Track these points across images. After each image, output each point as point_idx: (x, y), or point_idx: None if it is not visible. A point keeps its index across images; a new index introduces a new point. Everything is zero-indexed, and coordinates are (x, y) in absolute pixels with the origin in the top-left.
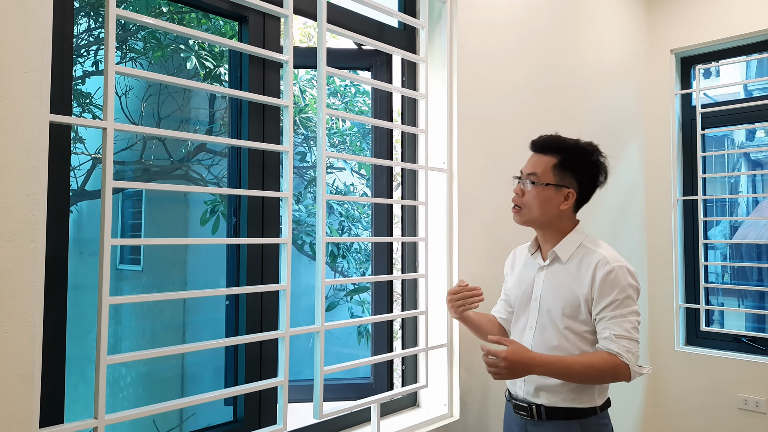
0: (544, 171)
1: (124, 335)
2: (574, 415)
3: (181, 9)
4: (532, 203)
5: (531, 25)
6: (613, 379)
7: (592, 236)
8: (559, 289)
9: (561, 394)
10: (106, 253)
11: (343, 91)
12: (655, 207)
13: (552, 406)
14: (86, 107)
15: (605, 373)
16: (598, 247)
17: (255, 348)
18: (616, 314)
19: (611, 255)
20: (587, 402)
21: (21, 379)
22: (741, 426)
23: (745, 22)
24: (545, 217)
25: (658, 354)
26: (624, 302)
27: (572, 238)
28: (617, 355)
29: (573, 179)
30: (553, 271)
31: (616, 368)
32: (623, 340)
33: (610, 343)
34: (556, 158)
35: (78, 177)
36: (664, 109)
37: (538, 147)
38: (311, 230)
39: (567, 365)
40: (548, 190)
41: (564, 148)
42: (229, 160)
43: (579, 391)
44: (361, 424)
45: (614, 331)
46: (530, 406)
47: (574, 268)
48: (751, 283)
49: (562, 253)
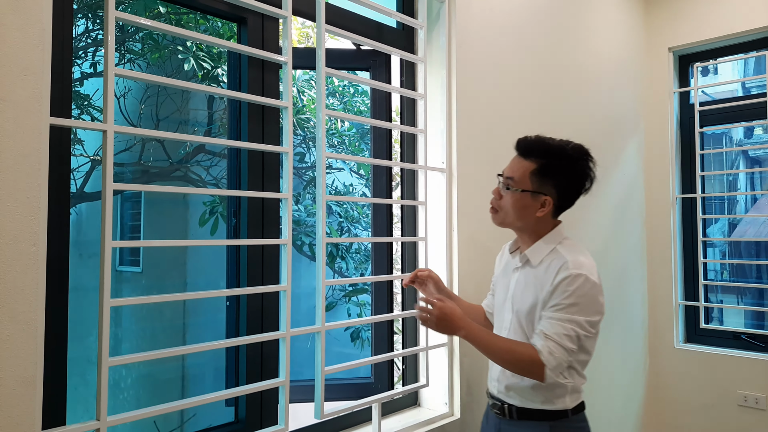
0: (522, 177)
1: (125, 337)
2: (544, 417)
3: (179, 10)
4: (507, 208)
5: (529, 24)
6: (527, 373)
7: (572, 241)
8: (525, 292)
9: (529, 395)
10: (107, 255)
11: (342, 91)
12: (654, 205)
13: (522, 407)
14: (85, 109)
15: (520, 363)
16: (569, 253)
17: (256, 349)
18: (555, 316)
19: (576, 262)
20: (558, 404)
21: (23, 381)
22: (741, 423)
23: (742, 19)
24: (521, 222)
25: (658, 351)
26: (568, 308)
27: (546, 241)
28: (539, 351)
29: (552, 187)
30: (525, 274)
31: (532, 363)
32: (550, 342)
33: (537, 338)
34: (536, 163)
35: (77, 179)
36: (662, 108)
37: (521, 149)
38: (310, 231)
39: (488, 340)
40: (525, 197)
41: (547, 153)
42: (228, 162)
43: (547, 393)
44: (362, 424)
45: (546, 330)
46: (503, 405)
47: (542, 272)
48: (750, 280)
49: (532, 256)
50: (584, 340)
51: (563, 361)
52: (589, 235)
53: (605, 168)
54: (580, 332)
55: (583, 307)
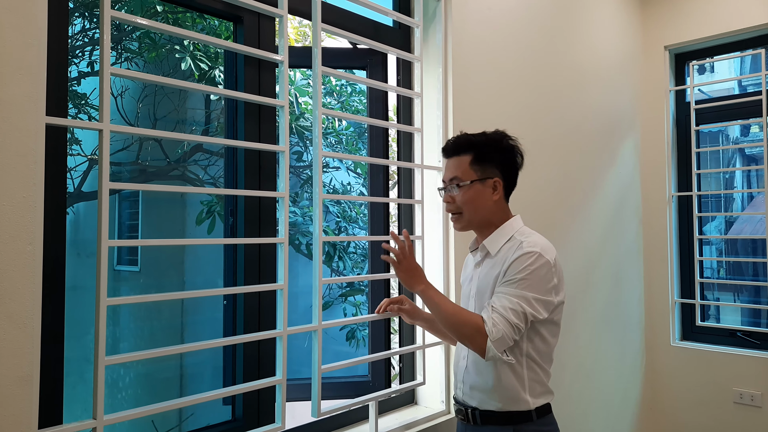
0: (465, 171)
1: (123, 336)
2: (507, 420)
3: (175, 9)
4: (465, 205)
5: (526, 22)
6: (468, 341)
7: (529, 229)
8: (486, 283)
9: (489, 393)
10: (103, 255)
11: (339, 90)
12: (650, 203)
13: (485, 410)
14: (82, 108)
15: (463, 329)
16: (526, 237)
17: (253, 347)
18: (503, 290)
19: (531, 242)
20: (521, 405)
21: (20, 380)
22: (736, 420)
23: (738, 17)
24: (481, 213)
25: (655, 349)
26: (518, 283)
27: (503, 230)
28: (484, 322)
29: (494, 167)
30: (485, 267)
31: (476, 331)
32: (495, 314)
33: (485, 310)
34: (470, 155)
35: (74, 178)
36: (658, 106)
37: (450, 151)
38: (307, 231)
39: (440, 301)
40: (476, 187)
41: (474, 143)
42: (225, 161)
43: (508, 393)
44: (359, 422)
45: (493, 303)
46: (467, 409)
47: (500, 259)
48: (747, 278)
49: (491, 246)
50: (536, 321)
51: (507, 337)
52: (585, 233)
53: (601, 166)
54: (527, 309)
55: (532, 283)
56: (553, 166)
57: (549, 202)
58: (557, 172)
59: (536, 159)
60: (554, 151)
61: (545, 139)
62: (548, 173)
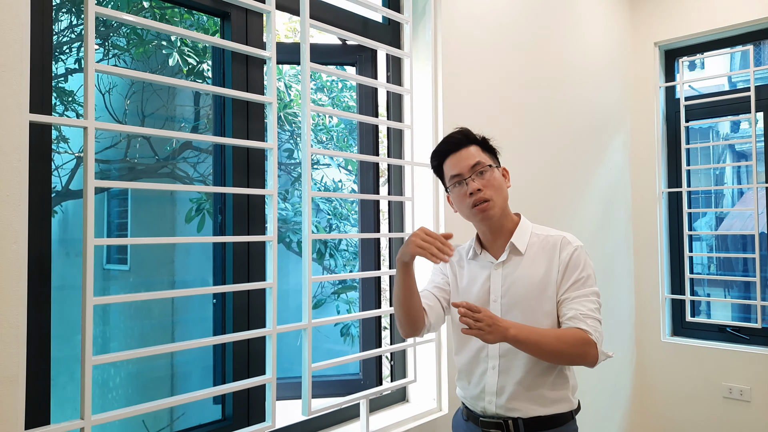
0: (483, 157)
1: (113, 336)
2: (552, 424)
3: (162, 4)
4: (494, 189)
5: (516, 19)
6: (582, 357)
7: (533, 223)
8: (523, 283)
9: (540, 400)
10: (89, 254)
11: (330, 86)
12: (640, 199)
13: (530, 417)
14: (69, 105)
15: (575, 348)
16: (549, 230)
17: (243, 346)
18: (580, 294)
19: (567, 236)
20: (565, 405)
21: (6, 381)
22: (726, 414)
23: (728, 14)
24: (505, 200)
25: (645, 345)
26: (586, 281)
27: (523, 227)
28: (587, 332)
29: (496, 158)
30: (513, 266)
31: (586, 344)
32: (590, 320)
33: (578, 321)
34: (477, 145)
35: (62, 176)
36: (648, 102)
37: (462, 142)
38: (298, 228)
39: (540, 331)
40: (496, 171)
41: (471, 135)
42: (213, 158)
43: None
44: (350, 420)
45: (580, 310)
46: (505, 421)
47: (535, 255)
48: (737, 273)
49: (519, 243)
50: None
51: (602, 335)
52: (575, 229)
53: (591, 163)
54: (600, 301)
55: (592, 275)
56: (543, 163)
57: (538, 199)
58: (547, 169)
59: (526, 155)
60: (544, 148)
61: (535, 136)
62: (538, 170)
